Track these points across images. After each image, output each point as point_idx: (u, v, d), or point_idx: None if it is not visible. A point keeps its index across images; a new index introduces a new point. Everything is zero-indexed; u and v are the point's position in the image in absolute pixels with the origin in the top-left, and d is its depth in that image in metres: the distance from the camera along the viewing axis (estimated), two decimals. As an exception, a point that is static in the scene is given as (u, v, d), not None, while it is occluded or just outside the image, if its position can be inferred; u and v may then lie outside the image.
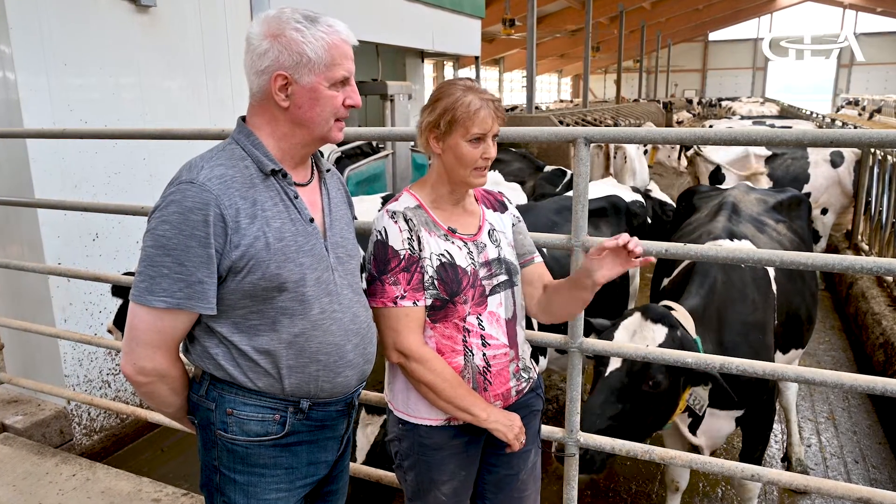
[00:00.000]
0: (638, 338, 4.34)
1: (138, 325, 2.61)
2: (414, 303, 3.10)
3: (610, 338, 4.38)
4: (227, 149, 2.75)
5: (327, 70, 2.67)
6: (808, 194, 11.75)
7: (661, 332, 4.35)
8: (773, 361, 5.00)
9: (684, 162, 16.10)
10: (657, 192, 8.94)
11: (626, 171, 15.45)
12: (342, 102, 2.76)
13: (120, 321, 5.81)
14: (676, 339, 4.31)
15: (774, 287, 5.12)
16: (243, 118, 2.86)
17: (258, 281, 2.64)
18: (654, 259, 3.06)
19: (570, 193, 7.42)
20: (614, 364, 4.30)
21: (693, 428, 4.83)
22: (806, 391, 8.16)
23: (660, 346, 4.24)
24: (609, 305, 4.38)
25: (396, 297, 3.09)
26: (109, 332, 5.90)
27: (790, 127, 14.79)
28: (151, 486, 5.15)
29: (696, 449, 5.05)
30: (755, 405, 4.88)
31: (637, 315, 4.47)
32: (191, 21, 8.20)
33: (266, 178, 2.72)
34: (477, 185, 3.14)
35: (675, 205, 7.67)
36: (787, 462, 6.75)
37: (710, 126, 20.46)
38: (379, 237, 3.13)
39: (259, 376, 2.74)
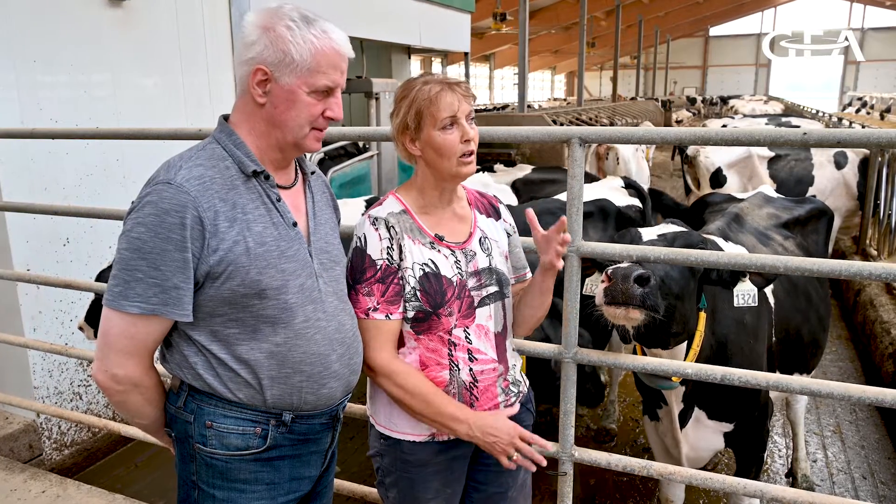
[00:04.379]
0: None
1: (111, 331, 2.62)
2: (387, 316, 3.10)
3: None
4: (207, 148, 2.77)
5: (309, 75, 2.69)
6: (814, 196, 11.74)
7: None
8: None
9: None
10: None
11: (618, 174, 15.35)
12: (321, 113, 2.78)
13: (92, 318, 5.77)
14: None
15: (772, 300, 5.11)
16: (225, 117, 2.88)
17: (237, 287, 2.65)
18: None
19: (559, 196, 7.42)
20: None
21: (682, 421, 4.83)
22: (812, 404, 8.16)
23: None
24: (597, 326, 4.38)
25: (368, 309, 3.10)
26: (80, 328, 5.85)
27: (798, 126, 14.78)
28: (125, 502, 5.14)
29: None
30: (745, 421, 4.88)
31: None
32: (166, 16, 8.19)
33: (248, 179, 2.73)
34: (466, 175, 3.12)
35: None
36: (793, 478, 6.76)
37: (724, 126, 20.30)
38: (358, 244, 3.14)
39: (239, 387, 2.75)
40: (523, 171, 11.00)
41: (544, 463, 3.10)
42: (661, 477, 4.01)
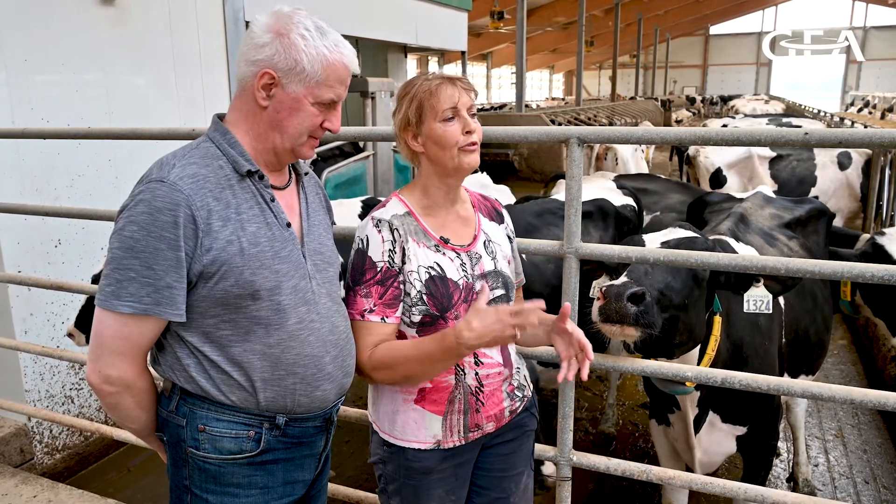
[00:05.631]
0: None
1: (104, 332, 2.62)
2: (382, 319, 3.09)
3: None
4: (200, 147, 2.77)
5: (317, 87, 2.72)
6: (816, 198, 11.66)
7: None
8: (779, 376, 4.99)
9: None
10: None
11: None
12: (320, 123, 2.81)
13: (82, 323, 5.75)
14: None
15: (782, 301, 5.09)
16: (220, 116, 2.88)
17: (231, 288, 2.65)
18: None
19: (555, 196, 7.41)
20: None
21: (696, 426, 4.81)
22: (813, 407, 8.15)
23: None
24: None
25: (364, 311, 3.09)
26: (70, 335, 5.81)
27: (799, 126, 14.74)
28: (117, 508, 5.14)
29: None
30: (758, 424, 4.87)
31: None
32: (159, 15, 8.18)
33: (242, 179, 2.74)
34: (469, 166, 3.10)
35: None
36: (794, 482, 6.75)
37: (725, 126, 20.16)
38: (360, 245, 3.13)
39: (232, 389, 2.75)
40: (606, 177, 10.44)
41: (542, 305, 2.90)
42: (661, 482, 4.01)
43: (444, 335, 2.90)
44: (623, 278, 3.77)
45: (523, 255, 5.56)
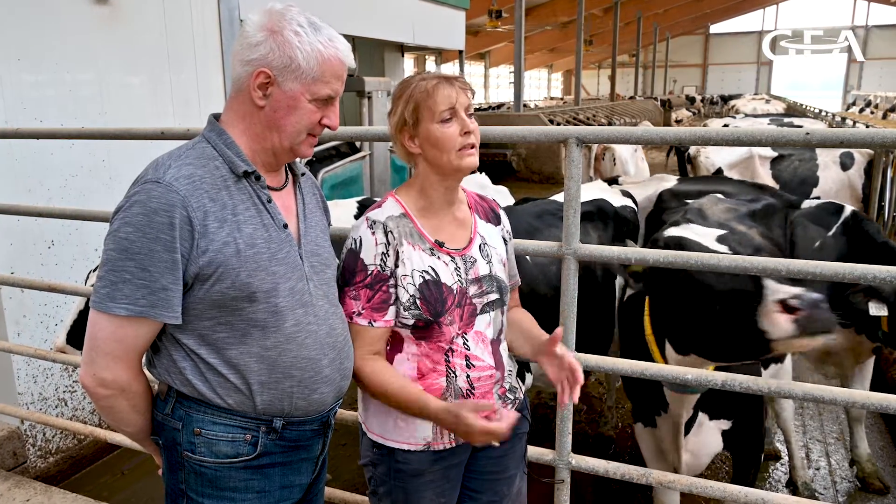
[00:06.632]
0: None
1: (98, 334, 2.61)
2: (370, 322, 3.08)
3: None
4: (196, 147, 2.76)
5: (313, 83, 2.70)
6: (818, 198, 11.58)
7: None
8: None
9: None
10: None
11: (616, 175, 15.26)
12: (319, 120, 2.79)
13: (73, 339, 5.72)
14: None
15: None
16: (216, 116, 2.87)
17: (227, 290, 2.64)
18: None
19: (555, 197, 7.41)
20: None
21: (687, 428, 4.81)
22: (815, 410, 8.15)
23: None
24: (592, 331, 4.38)
25: (353, 313, 3.09)
26: (61, 352, 5.75)
27: (800, 126, 14.71)
28: (111, 512, 5.13)
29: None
30: (742, 418, 4.87)
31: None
32: (153, 14, 8.18)
33: (238, 180, 2.73)
34: (468, 168, 3.08)
35: None
36: (793, 486, 6.73)
37: (726, 125, 20.07)
38: (353, 246, 3.12)
39: (229, 393, 2.74)
40: (667, 181, 9.96)
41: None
42: (661, 485, 4.02)
43: (427, 406, 2.96)
44: (796, 288, 3.70)
45: (527, 257, 5.57)
